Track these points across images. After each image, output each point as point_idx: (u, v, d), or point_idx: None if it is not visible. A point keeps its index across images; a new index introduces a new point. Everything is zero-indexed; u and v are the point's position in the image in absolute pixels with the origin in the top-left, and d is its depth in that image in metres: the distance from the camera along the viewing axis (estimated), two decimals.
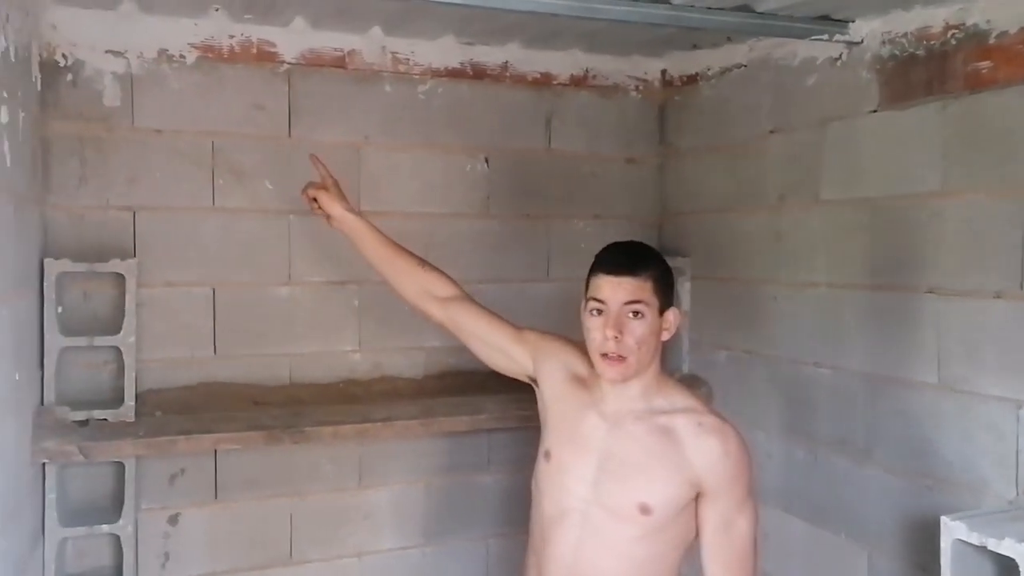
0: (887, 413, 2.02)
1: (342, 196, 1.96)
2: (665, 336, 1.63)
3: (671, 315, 1.63)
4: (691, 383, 2.60)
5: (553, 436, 1.71)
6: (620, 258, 1.60)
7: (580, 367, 1.72)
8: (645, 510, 1.58)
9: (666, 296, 1.62)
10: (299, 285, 2.39)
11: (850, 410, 2.12)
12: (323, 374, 2.43)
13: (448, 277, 1.93)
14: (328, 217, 1.97)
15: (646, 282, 1.58)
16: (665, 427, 1.62)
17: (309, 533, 2.42)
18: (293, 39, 2.33)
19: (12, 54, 1.74)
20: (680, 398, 1.67)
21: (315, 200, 1.96)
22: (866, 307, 2.07)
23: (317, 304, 2.41)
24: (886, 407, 2.02)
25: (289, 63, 2.34)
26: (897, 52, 1.99)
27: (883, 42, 2.03)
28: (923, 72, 1.93)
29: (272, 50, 2.32)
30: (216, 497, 2.33)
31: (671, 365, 2.72)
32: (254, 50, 2.30)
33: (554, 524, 1.66)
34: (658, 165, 2.79)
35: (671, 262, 2.62)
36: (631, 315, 1.57)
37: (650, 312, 1.58)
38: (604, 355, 1.57)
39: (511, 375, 1.85)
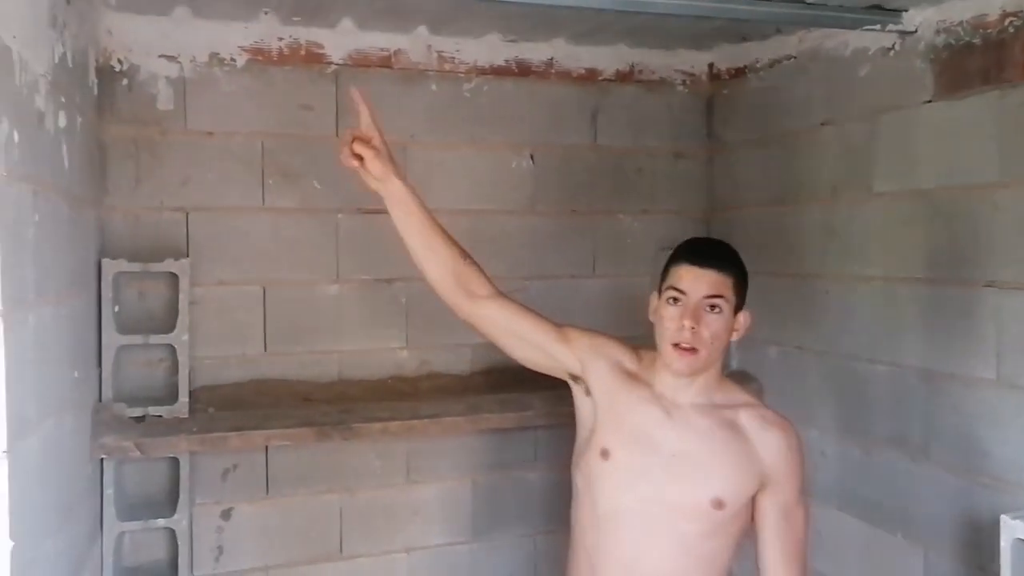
0: (944, 410, 1.97)
1: (389, 154, 1.73)
2: (735, 337, 1.66)
3: (743, 316, 1.64)
4: (741, 380, 2.56)
5: (611, 434, 1.66)
6: (706, 251, 1.62)
7: (629, 362, 1.72)
8: (718, 504, 1.60)
9: (742, 297, 1.63)
10: (347, 283, 2.41)
11: (906, 407, 2.07)
12: (371, 371, 2.45)
13: (487, 276, 1.82)
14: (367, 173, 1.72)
15: (728, 278, 1.59)
16: (731, 421, 1.64)
17: (358, 528, 2.44)
18: (340, 40, 2.35)
19: (69, 60, 1.78)
20: (738, 394, 1.70)
21: (359, 157, 1.69)
22: (923, 301, 2.03)
23: (365, 302, 2.43)
24: (943, 404, 1.97)
25: (336, 64, 2.36)
26: (952, 41, 1.94)
27: (937, 31, 1.98)
28: (980, 61, 1.88)
29: (320, 51, 2.34)
30: (267, 492, 2.36)
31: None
32: (302, 52, 2.33)
33: (610, 522, 1.64)
34: (706, 159, 2.76)
35: None
36: (709, 308, 1.57)
37: (727, 308, 1.59)
38: (676, 345, 1.57)
39: (547, 372, 1.82)
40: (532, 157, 2.57)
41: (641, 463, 1.62)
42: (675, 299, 1.58)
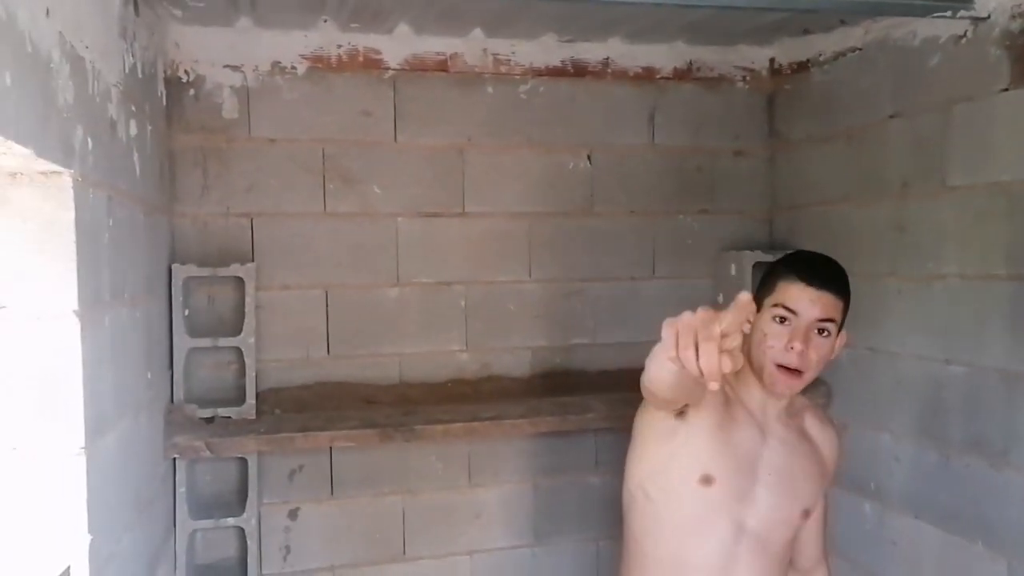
0: None
1: None
2: (832, 356, 1.60)
3: (842, 337, 1.59)
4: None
5: (714, 460, 1.56)
6: (823, 272, 1.56)
7: (725, 385, 1.62)
8: (806, 515, 1.64)
9: (845, 317, 1.59)
10: (407, 286, 2.44)
11: (986, 410, 1.98)
12: (432, 373, 2.46)
13: None
14: None
15: (840, 302, 1.55)
16: (803, 429, 1.65)
17: (421, 530, 2.46)
18: (397, 45, 2.38)
19: (139, 71, 1.85)
20: (798, 396, 1.67)
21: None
22: (1003, 299, 1.93)
23: (425, 305, 2.45)
24: None
25: (394, 69, 2.39)
26: None
27: (1013, 16, 1.88)
28: None
29: (377, 57, 2.37)
30: (332, 493, 2.40)
31: None
32: (360, 58, 2.36)
33: (699, 536, 1.59)
34: (768, 157, 2.69)
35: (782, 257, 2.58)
36: (818, 332, 1.53)
37: (835, 331, 1.55)
38: (781, 366, 1.53)
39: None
40: (589, 158, 2.55)
41: (744, 488, 1.59)
42: (784, 318, 1.53)
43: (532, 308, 2.53)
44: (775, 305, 1.53)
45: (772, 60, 2.67)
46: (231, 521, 2.26)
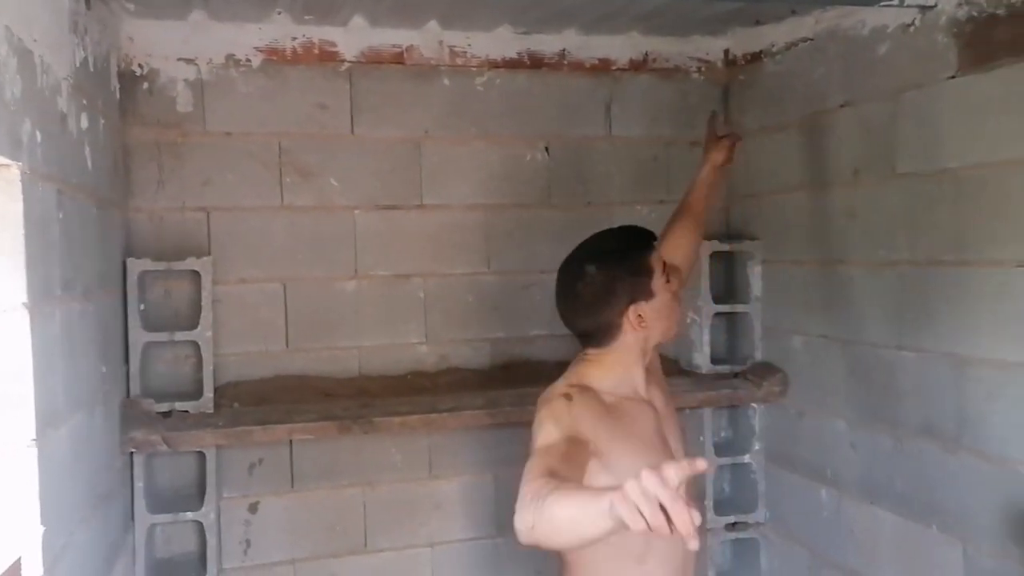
0: (977, 397, 1.88)
1: None
2: None
3: None
4: (765, 371, 2.51)
5: (647, 461, 1.51)
6: (641, 228, 1.68)
7: (598, 399, 1.58)
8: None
9: None
10: (366, 279, 2.44)
11: (938, 394, 1.99)
12: (391, 366, 2.46)
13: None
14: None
15: None
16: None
17: (382, 522, 2.46)
18: (353, 38, 2.38)
19: (91, 64, 1.84)
20: None
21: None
22: (951, 284, 1.94)
23: (383, 297, 2.45)
24: (976, 390, 1.89)
25: (350, 61, 2.39)
26: (975, 13, 1.86)
27: (959, 3, 1.90)
28: (1006, 32, 1.79)
29: (333, 50, 2.37)
30: (292, 486, 2.40)
31: (743, 353, 2.65)
32: (316, 50, 2.36)
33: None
34: None
35: (740, 246, 2.61)
36: None
37: None
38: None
39: None
40: (547, 149, 2.56)
41: (669, 454, 1.61)
42: (667, 279, 1.62)
43: (491, 300, 2.53)
44: (663, 273, 1.61)
45: (726, 51, 2.69)
46: (190, 515, 2.26)
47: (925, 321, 2.02)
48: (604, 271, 1.57)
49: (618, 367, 1.62)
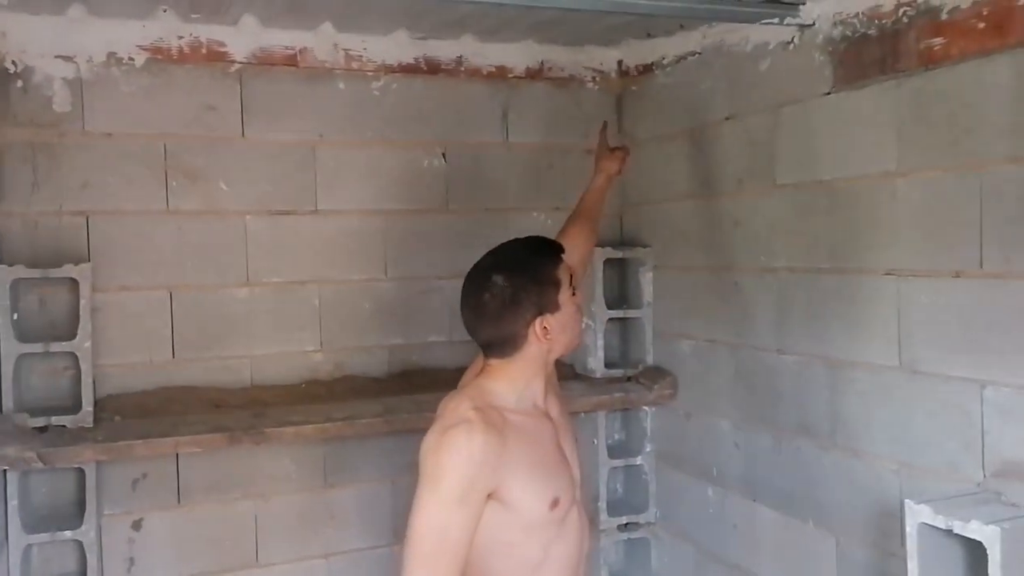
0: (849, 397, 1.99)
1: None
2: None
3: None
4: (655, 375, 2.59)
5: (547, 482, 1.56)
6: (549, 239, 1.68)
7: (509, 409, 1.58)
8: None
9: None
10: (258, 286, 2.38)
11: (813, 396, 2.09)
12: (284, 375, 2.42)
13: None
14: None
15: None
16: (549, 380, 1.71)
17: (275, 535, 2.40)
18: (243, 38, 2.32)
19: None
20: None
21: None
22: (826, 291, 2.05)
23: (277, 305, 2.40)
24: (848, 391, 2.00)
25: (240, 62, 2.33)
26: (849, 33, 1.97)
27: (835, 23, 2.00)
28: (876, 51, 1.90)
29: (222, 50, 2.31)
30: (179, 501, 2.31)
31: (635, 357, 2.72)
32: (204, 50, 2.29)
33: (562, 539, 1.62)
34: None
35: (632, 253, 2.68)
36: None
37: None
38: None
39: None
40: (444, 156, 2.57)
41: (569, 475, 1.64)
42: (573, 291, 1.62)
43: (388, 307, 2.52)
44: (569, 286, 1.61)
45: (619, 62, 2.76)
46: (69, 534, 2.16)
47: (803, 326, 2.12)
48: (511, 281, 1.55)
49: (520, 380, 1.61)
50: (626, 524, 2.68)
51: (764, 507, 2.26)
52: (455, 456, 1.46)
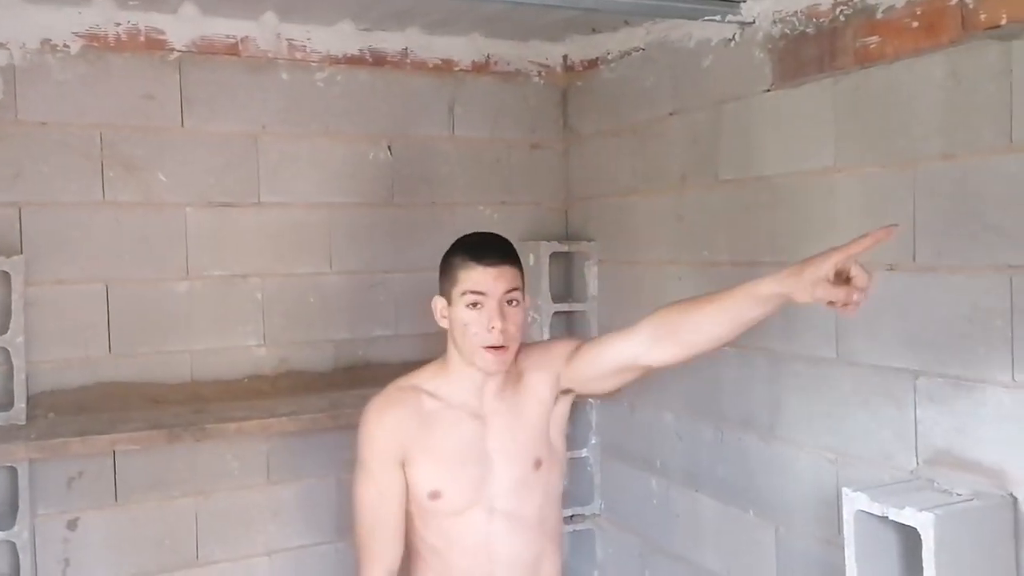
0: (790, 389, 2.03)
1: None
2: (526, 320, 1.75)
3: (527, 300, 1.67)
4: None
5: (440, 477, 1.62)
6: (494, 247, 1.61)
7: (430, 394, 1.66)
8: (538, 464, 1.69)
9: (524, 282, 1.66)
10: (198, 280, 2.33)
11: (755, 387, 2.13)
12: (226, 370, 2.37)
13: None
14: None
15: (516, 269, 1.62)
16: (520, 387, 1.70)
17: (216, 533, 2.36)
18: (183, 26, 2.27)
19: None
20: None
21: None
22: None
23: (218, 299, 2.36)
24: (789, 383, 2.03)
25: (180, 51, 2.28)
26: (788, 31, 2.00)
27: (774, 21, 2.03)
28: (814, 49, 1.93)
29: (161, 37, 2.25)
30: (116, 500, 2.26)
31: None
32: (142, 38, 2.24)
33: (454, 535, 1.65)
34: (563, 150, 2.79)
35: (578, 247, 2.69)
36: (508, 303, 1.59)
37: (522, 299, 1.62)
38: (488, 347, 1.58)
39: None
40: (389, 148, 2.55)
41: (479, 477, 1.64)
42: (476, 303, 1.57)
43: (333, 300, 2.49)
44: (464, 293, 1.57)
45: (565, 57, 2.77)
46: (1, 535, 2.09)
47: None
48: (444, 257, 1.64)
49: (450, 369, 1.65)
50: (571, 516, 2.70)
51: (706, 497, 2.29)
52: (365, 431, 1.66)
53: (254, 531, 2.40)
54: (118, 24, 2.21)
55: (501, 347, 1.57)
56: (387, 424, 1.64)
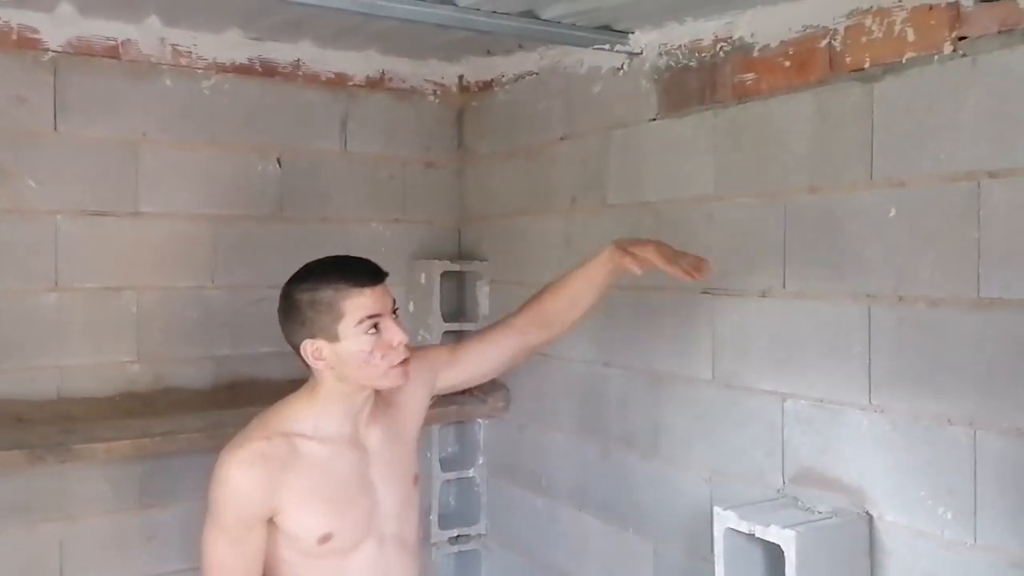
0: (670, 409, 2.09)
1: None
2: None
3: None
4: (490, 388, 2.61)
5: (324, 516, 1.56)
6: (366, 267, 1.57)
7: (304, 435, 1.57)
8: (416, 479, 1.72)
9: None
10: (68, 291, 2.22)
11: (637, 407, 2.18)
12: (97, 387, 2.26)
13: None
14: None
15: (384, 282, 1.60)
16: (391, 405, 1.69)
17: (83, 560, 2.23)
18: (59, 26, 2.17)
19: None
20: None
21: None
22: (649, 308, 2.14)
23: (90, 312, 2.25)
24: (669, 403, 2.09)
25: (55, 51, 2.17)
26: (673, 63, 2.07)
27: (660, 53, 2.10)
28: (696, 82, 2.01)
29: (34, 36, 2.14)
30: None
31: None
32: (14, 36, 2.12)
33: (348, 571, 1.61)
34: (457, 170, 2.80)
35: (470, 267, 2.70)
36: (394, 317, 1.58)
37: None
38: (398, 364, 1.55)
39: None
40: (279, 161, 2.49)
41: (368, 510, 1.62)
42: (375, 326, 1.52)
43: (216, 316, 2.41)
44: (360, 322, 1.51)
45: (461, 77, 2.78)
46: None
47: (628, 341, 2.21)
48: (291, 297, 1.54)
49: (318, 404, 1.59)
50: (456, 537, 2.69)
51: (590, 516, 2.33)
52: (225, 490, 1.52)
53: (127, 557, 2.29)
54: None
55: (407, 358, 1.57)
56: (252, 482, 1.51)
